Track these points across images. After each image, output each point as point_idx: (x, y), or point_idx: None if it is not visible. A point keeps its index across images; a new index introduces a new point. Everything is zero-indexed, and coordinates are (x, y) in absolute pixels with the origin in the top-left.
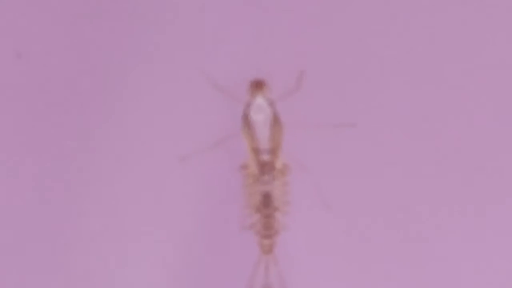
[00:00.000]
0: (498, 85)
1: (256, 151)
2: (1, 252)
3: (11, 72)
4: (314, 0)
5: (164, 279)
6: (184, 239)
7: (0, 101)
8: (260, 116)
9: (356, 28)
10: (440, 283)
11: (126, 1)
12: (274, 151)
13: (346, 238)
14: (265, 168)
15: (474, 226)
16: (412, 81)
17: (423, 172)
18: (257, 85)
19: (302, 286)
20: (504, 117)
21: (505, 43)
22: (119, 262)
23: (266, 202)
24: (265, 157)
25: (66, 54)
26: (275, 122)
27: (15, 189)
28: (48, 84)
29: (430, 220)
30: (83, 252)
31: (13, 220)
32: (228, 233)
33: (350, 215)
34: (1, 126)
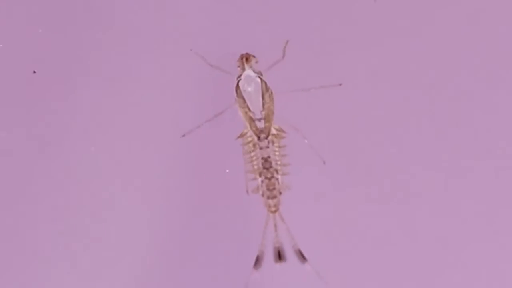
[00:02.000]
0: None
1: (251, 119)
2: None
3: None
4: None
5: (177, 241)
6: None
7: None
8: (251, 87)
9: None
10: (435, 222)
11: None
12: (268, 117)
13: (343, 191)
14: (262, 134)
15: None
16: (395, 41)
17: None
18: (246, 59)
19: (308, 239)
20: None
21: None
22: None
23: (267, 166)
24: (261, 124)
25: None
26: (266, 90)
27: None
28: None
29: (423, 168)
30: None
31: None
32: (235, 198)
33: (343, 169)
34: None
